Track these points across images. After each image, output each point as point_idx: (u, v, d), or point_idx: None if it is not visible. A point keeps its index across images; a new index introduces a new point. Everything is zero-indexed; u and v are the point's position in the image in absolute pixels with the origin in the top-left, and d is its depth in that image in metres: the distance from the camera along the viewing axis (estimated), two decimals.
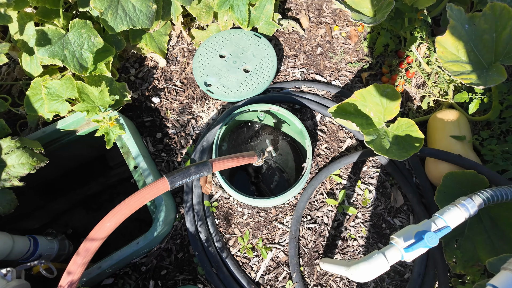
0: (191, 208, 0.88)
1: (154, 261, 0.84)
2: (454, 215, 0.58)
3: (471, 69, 0.78)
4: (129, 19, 0.89)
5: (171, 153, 0.95)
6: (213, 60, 1.04)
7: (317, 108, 0.99)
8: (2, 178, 0.79)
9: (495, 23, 0.79)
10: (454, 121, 0.88)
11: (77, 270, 0.56)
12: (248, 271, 0.84)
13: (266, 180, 1.11)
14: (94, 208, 1.34)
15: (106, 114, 0.86)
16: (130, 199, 0.61)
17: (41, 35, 0.80)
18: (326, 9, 1.13)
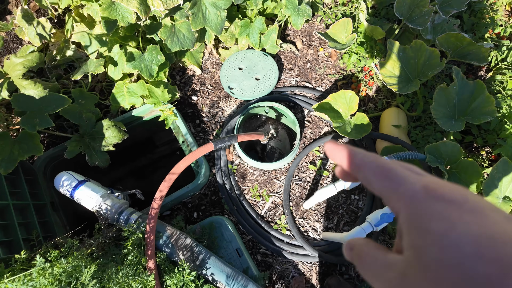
0: (220, 169, 1.33)
1: (196, 201, 1.29)
2: None
3: (401, 82, 1.22)
4: (180, 43, 1.34)
5: (206, 134, 1.41)
6: (234, 71, 1.49)
7: (305, 105, 1.44)
8: (103, 145, 1.24)
9: (417, 53, 1.23)
10: (395, 115, 1.32)
11: (165, 189, 1.01)
12: (257, 209, 1.29)
13: (269, 156, 1.56)
14: (141, 177, 1.79)
15: (166, 106, 1.31)
16: (192, 154, 1.06)
17: (129, 54, 1.25)
18: (315, 35, 1.58)
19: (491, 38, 1.45)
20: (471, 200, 0.19)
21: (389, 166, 0.22)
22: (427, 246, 0.18)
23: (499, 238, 0.17)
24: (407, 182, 0.20)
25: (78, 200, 1.08)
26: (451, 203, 0.19)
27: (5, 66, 1.06)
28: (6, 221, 1.04)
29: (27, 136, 1.13)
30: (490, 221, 0.18)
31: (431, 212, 0.19)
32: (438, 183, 0.20)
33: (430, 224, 0.18)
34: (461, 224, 0.18)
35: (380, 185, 0.22)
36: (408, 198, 0.20)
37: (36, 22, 1.30)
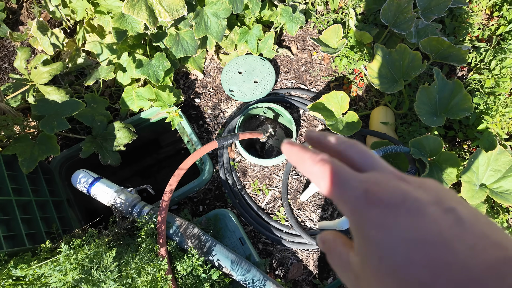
0: (222, 165, 1.44)
1: (201, 195, 1.40)
2: None
3: (387, 82, 1.34)
4: (184, 50, 1.44)
5: (209, 133, 1.51)
6: (234, 75, 1.60)
7: (300, 105, 1.54)
8: (114, 145, 1.35)
9: (401, 55, 1.34)
10: (383, 113, 1.43)
11: (174, 183, 1.11)
12: (257, 202, 1.39)
13: (267, 154, 1.66)
14: (147, 176, 1.89)
15: (172, 109, 1.41)
16: (198, 151, 1.16)
17: (138, 61, 1.36)
18: (308, 40, 1.69)
19: (471, 41, 1.57)
20: (409, 200, 0.19)
21: (334, 169, 0.22)
22: (368, 255, 0.19)
23: (430, 240, 0.17)
24: (349, 187, 0.21)
25: (94, 195, 1.18)
26: (389, 207, 0.19)
27: (32, 74, 1.16)
28: (30, 215, 1.14)
29: (46, 138, 1.23)
30: (426, 220, 0.18)
31: (370, 219, 0.19)
32: (380, 184, 0.20)
33: (369, 233, 0.19)
34: (395, 230, 0.18)
35: (327, 192, 0.22)
36: (351, 205, 0.20)
37: (50, 33, 1.41)
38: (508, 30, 1.53)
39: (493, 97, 1.35)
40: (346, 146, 0.24)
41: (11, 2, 1.73)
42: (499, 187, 1.13)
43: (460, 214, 0.18)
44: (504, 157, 1.12)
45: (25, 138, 1.22)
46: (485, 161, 1.13)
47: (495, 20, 1.62)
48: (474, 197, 1.11)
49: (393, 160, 1.30)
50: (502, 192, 1.12)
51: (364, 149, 0.24)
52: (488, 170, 1.14)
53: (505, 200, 1.10)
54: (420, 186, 0.20)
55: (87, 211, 1.45)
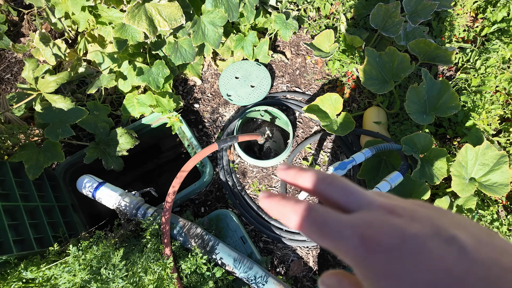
0: (222, 167, 1.48)
1: (203, 197, 1.44)
2: (358, 155, 1.19)
3: (378, 83, 1.40)
4: (182, 57, 1.50)
5: (208, 137, 1.56)
6: (231, 80, 1.65)
7: (296, 108, 1.60)
8: (117, 150, 1.39)
9: (391, 57, 1.41)
10: (376, 113, 1.49)
11: (177, 184, 1.16)
12: (257, 202, 1.44)
13: (266, 156, 1.71)
14: (148, 181, 1.93)
15: (172, 114, 1.46)
16: (199, 153, 1.21)
17: (138, 69, 1.41)
18: (302, 45, 1.75)
19: (457, 42, 1.64)
20: (408, 239, 0.18)
21: (321, 219, 0.21)
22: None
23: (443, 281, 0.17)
24: (343, 237, 0.20)
25: (99, 199, 1.22)
26: (390, 251, 0.18)
27: (39, 83, 1.20)
28: (37, 220, 1.17)
29: (51, 145, 1.27)
30: (432, 258, 0.18)
31: (376, 270, 0.19)
32: (373, 227, 0.20)
33: (380, 285, 0.18)
34: (405, 278, 0.18)
35: (323, 245, 0.21)
36: (352, 257, 0.20)
37: (52, 44, 1.46)
38: (492, 31, 1.60)
39: (479, 95, 1.42)
40: (325, 186, 0.23)
41: (12, 15, 1.78)
42: (487, 180, 1.18)
43: (462, 243, 0.18)
44: (491, 151, 1.18)
45: (30, 146, 1.26)
46: (473, 155, 1.19)
47: (480, 22, 1.70)
48: (464, 190, 1.16)
49: (387, 157, 1.35)
50: (491, 185, 1.17)
51: (344, 185, 0.22)
52: (477, 164, 1.20)
53: (493, 193, 1.15)
54: (412, 218, 0.20)
55: (90, 216, 1.48)
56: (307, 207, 0.21)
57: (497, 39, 1.52)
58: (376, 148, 1.21)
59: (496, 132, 1.47)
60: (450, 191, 1.26)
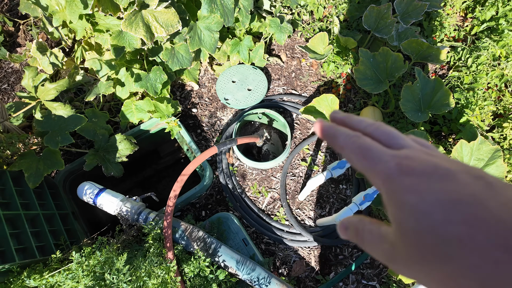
0: (222, 171, 1.49)
1: (203, 201, 1.44)
2: None
3: (373, 83, 1.42)
4: (179, 63, 1.51)
5: (207, 141, 1.57)
6: (228, 84, 1.67)
7: (293, 110, 1.62)
8: (117, 156, 1.39)
9: (384, 58, 1.43)
10: (372, 113, 1.51)
11: (178, 188, 1.16)
12: (257, 204, 1.45)
13: (264, 158, 1.72)
14: (147, 187, 1.93)
15: (170, 119, 1.47)
16: (199, 157, 1.22)
17: (136, 75, 1.42)
18: (297, 48, 1.78)
19: (449, 41, 1.67)
20: (441, 168, 0.20)
21: (367, 145, 0.23)
22: (404, 218, 0.20)
23: (465, 200, 0.18)
24: (382, 160, 0.22)
25: (101, 205, 1.22)
26: (421, 175, 0.20)
27: (39, 91, 1.21)
28: (38, 228, 1.17)
29: (50, 153, 1.28)
30: (459, 184, 0.19)
31: (404, 187, 0.20)
32: (411, 158, 0.21)
33: (404, 198, 0.20)
34: (430, 194, 0.19)
35: (360, 165, 0.23)
36: (384, 176, 0.22)
37: (49, 53, 1.46)
38: (481, 29, 1.64)
39: (472, 92, 1.45)
40: (373, 129, 0.25)
41: (8, 25, 1.79)
42: None
43: (489, 180, 0.19)
44: (485, 146, 1.20)
45: (30, 154, 1.26)
46: (468, 151, 1.21)
47: (469, 21, 1.74)
48: None
49: None
50: None
51: (390, 130, 0.25)
52: (472, 160, 1.22)
53: None
54: (449, 160, 0.21)
55: (91, 223, 1.48)
56: (358, 134, 0.24)
57: (486, 37, 1.56)
58: None
59: (490, 128, 1.50)
60: None
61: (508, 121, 1.40)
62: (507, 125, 1.39)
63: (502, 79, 1.46)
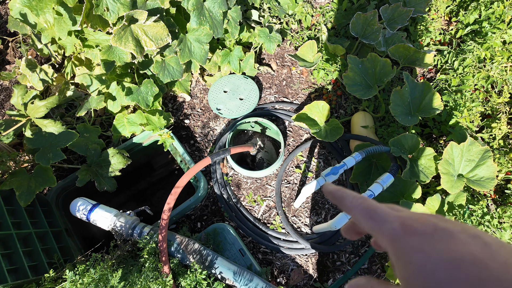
0: (216, 181, 1.49)
1: (198, 212, 1.43)
2: (348, 160, 1.21)
3: (362, 89, 1.44)
4: (170, 75, 1.52)
5: (200, 151, 1.57)
6: (220, 94, 1.68)
7: (285, 117, 1.63)
8: (109, 171, 1.38)
9: (372, 63, 1.45)
10: (363, 118, 1.53)
11: (172, 201, 1.15)
12: (253, 213, 1.44)
13: (258, 166, 1.72)
14: (142, 200, 1.91)
15: (163, 131, 1.47)
16: (193, 168, 1.21)
17: (127, 88, 1.42)
18: (287, 56, 1.80)
19: (435, 45, 1.71)
20: (440, 229, 0.22)
21: (373, 207, 0.26)
22: (413, 277, 0.21)
23: (467, 259, 0.20)
24: (387, 221, 0.24)
25: (94, 221, 1.20)
26: (423, 235, 0.22)
27: (29, 109, 1.20)
28: (30, 247, 1.15)
29: (42, 170, 1.26)
30: (459, 244, 0.21)
31: (410, 247, 0.22)
32: (413, 219, 0.24)
33: (411, 258, 0.22)
34: (434, 253, 0.21)
35: (367, 225, 0.26)
36: (390, 237, 0.24)
37: (39, 69, 1.46)
38: (466, 33, 1.68)
39: (460, 94, 1.47)
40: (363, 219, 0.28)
41: None
42: (474, 176, 1.22)
43: (486, 239, 0.21)
44: (475, 147, 1.22)
45: (21, 172, 1.24)
46: (458, 152, 1.22)
47: (454, 25, 1.78)
48: (453, 187, 1.19)
49: (377, 160, 1.38)
50: (478, 180, 1.21)
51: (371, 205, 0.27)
52: (463, 161, 1.23)
53: (481, 187, 1.19)
54: (445, 220, 0.23)
55: (85, 240, 1.46)
56: (364, 197, 0.28)
57: (471, 40, 1.59)
58: (365, 152, 1.24)
59: (479, 129, 1.52)
60: (440, 189, 1.30)
61: (496, 121, 1.43)
62: (496, 125, 1.41)
63: (488, 80, 1.49)
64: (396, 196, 1.27)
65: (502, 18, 1.56)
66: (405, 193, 1.26)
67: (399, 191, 1.27)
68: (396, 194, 1.27)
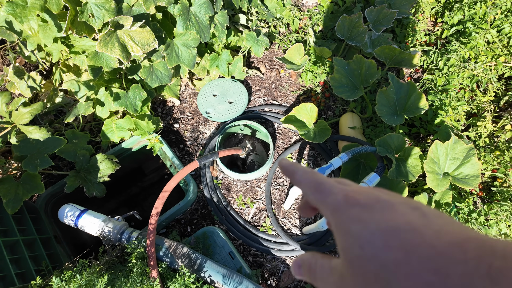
0: (206, 184, 1.49)
1: (188, 216, 1.43)
2: (335, 160, 1.22)
3: (349, 90, 1.46)
4: (159, 80, 1.52)
5: (190, 155, 1.57)
6: (209, 98, 1.68)
7: (274, 120, 1.64)
8: (98, 176, 1.38)
9: (358, 65, 1.47)
10: (350, 119, 1.54)
11: (159, 205, 1.16)
12: (243, 216, 1.44)
13: (249, 169, 1.73)
14: (133, 205, 1.91)
15: (152, 136, 1.47)
16: (181, 172, 1.22)
17: (115, 94, 1.43)
18: (275, 59, 1.82)
19: (421, 45, 1.73)
20: (382, 200, 0.22)
21: (320, 180, 0.26)
22: (350, 247, 0.21)
23: (402, 228, 0.20)
24: (332, 193, 0.25)
25: (82, 227, 1.20)
26: (365, 206, 0.22)
27: (13, 116, 1.20)
28: (18, 255, 1.14)
29: (29, 177, 1.26)
30: (398, 214, 0.21)
31: (349, 217, 0.22)
32: (357, 191, 0.24)
33: (349, 227, 0.22)
34: (372, 223, 0.21)
35: (314, 198, 0.26)
36: (332, 207, 0.24)
37: (27, 76, 1.46)
38: (451, 33, 1.71)
39: (445, 94, 1.49)
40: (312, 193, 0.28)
41: None
42: (459, 174, 1.23)
43: (425, 210, 0.21)
44: (459, 145, 1.23)
45: (8, 180, 1.24)
46: (443, 151, 1.24)
47: (439, 26, 1.81)
48: (439, 186, 1.20)
49: (365, 160, 1.39)
50: (463, 178, 1.22)
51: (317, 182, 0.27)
52: (448, 159, 1.25)
53: (466, 185, 1.20)
54: (390, 193, 0.24)
55: (75, 246, 1.45)
56: (314, 171, 0.28)
57: (456, 41, 1.62)
58: (352, 152, 1.25)
59: (465, 127, 1.54)
60: (427, 188, 1.31)
61: (481, 119, 1.45)
62: (481, 123, 1.43)
63: (473, 79, 1.51)
64: None
65: (485, 19, 1.58)
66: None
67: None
68: None
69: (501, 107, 1.56)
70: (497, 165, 1.36)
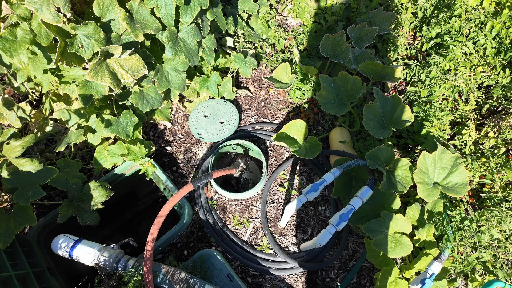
0: (201, 206, 1.49)
1: (184, 239, 1.42)
2: (327, 176, 1.24)
3: (336, 106, 1.50)
4: (150, 104, 1.54)
5: (184, 177, 1.58)
6: (200, 119, 1.70)
7: (266, 137, 1.66)
8: (92, 204, 1.37)
9: (344, 81, 1.52)
10: (340, 133, 1.58)
11: (155, 231, 1.15)
12: (240, 236, 1.44)
13: (244, 187, 1.74)
14: (128, 231, 1.88)
15: (144, 160, 1.47)
16: (175, 195, 1.22)
17: (106, 121, 1.43)
18: (263, 79, 1.86)
19: (403, 59, 1.80)
20: None
21: None
22: None
23: None
24: None
25: (77, 258, 1.18)
26: None
27: (4, 149, 1.19)
28: None
29: (21, 209, 1.24)
30: None
31: None
32: None
33: None
34: None
35: None
36: None
37: (16, 107, 1.46)
38: (430, 46, 1.78)
39: (429, 105, 1.54)
40: None
41: None
42: (448, 183, 1.27)
43: None
44: (446, 155, 1.27)
45: None
46: (431, 161, 1.27)
47: (419, 39, 1.88)
48: (430, 195, 1.23)
49: (356, 173, 1.42)
50: (452, 187, 1.26)
51: None
52: (437, 169, 1.28)
53: (456, 193, 1.23)
54: None
55: (69, 278, 1.42)
56: None
57: (435, 54, 1.69)
58: (343, 167, 1.27)
59: (451, 136, 1.59)
60: (419, 197, 1.33)
61: (465, 128, 1.50)
62: (466, 131, 1.48)
63: (455, 90, 1.57)
64: (377, 208, 1.30)
65: (461, 32, 1.66)
66: (385, 204, 1.29)
67: (379, 202, 1.30)
68: (376, 206, 1.30)
69: (483, 115, 1.62)
70: (484, 172, 1.40)
